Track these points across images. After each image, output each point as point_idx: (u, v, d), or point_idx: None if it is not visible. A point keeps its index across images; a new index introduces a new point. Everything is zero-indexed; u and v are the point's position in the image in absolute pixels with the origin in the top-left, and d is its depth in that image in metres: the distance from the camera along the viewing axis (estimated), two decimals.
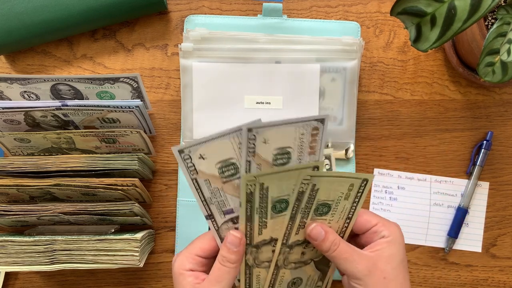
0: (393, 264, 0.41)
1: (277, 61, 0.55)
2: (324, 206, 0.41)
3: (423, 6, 0.42)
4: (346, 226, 0.43)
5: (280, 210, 0.41)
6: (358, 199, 0.42)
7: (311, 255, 0.45)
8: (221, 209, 0.40)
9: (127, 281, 0.58)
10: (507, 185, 0.59)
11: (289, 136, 0.38)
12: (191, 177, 0.38)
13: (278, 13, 0.58)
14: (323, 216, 0.42)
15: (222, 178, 0.39)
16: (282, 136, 0.38)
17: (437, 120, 0.59)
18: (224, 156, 0.38)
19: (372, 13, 0.60)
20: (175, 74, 0.59)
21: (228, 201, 0.40)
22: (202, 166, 0.38)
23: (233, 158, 0.38)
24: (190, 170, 0.38)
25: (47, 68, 0.60)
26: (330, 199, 0.41)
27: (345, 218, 0.43)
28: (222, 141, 0.37)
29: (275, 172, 0.38)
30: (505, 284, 0.59)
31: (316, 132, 0.38)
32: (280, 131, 0.37)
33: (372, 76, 0.59)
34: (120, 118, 0.53)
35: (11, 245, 0.49)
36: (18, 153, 0.56)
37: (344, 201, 0.41)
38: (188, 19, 0.59)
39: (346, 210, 0.42)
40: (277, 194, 0.40)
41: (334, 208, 0.42)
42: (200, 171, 0.38)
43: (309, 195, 0.40)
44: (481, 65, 0.44)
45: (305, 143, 0.38)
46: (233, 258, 0.40)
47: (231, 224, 0.41)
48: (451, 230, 0.58)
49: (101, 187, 0.50)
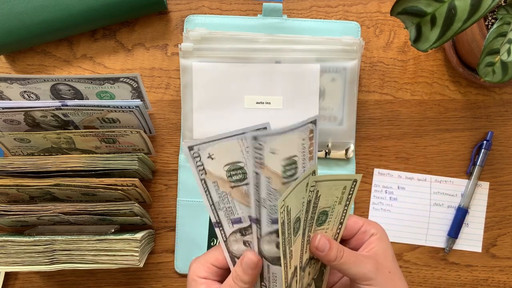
0: (390, 258, 0.41)
1: (277, 61, 0.55)
2: (323, 214, 0.40)
3: (423, 6, 0.42)
4: (339, 232, 0.42)
5: (296, 231, 0.38)
6: (348, 202, 0.41)
7: (313, 273, 0.43)
8: (229, 217, 0.38)
9: (127, 281, 0.58)
10: (507, 185, 0.59)
11: (293, 144, 0.35)
12: (200, 177, 0.36)
13: (278, 13, 0.58)
14: (322, 225, 0.41)
15: (231, 182, 0.37)
16: (288, 144, 0.35)
17: (437, 120, 0.59)
18: (232, 158, 0.36)
19: (372, 13, 0.60)
20: (175, 74, 0.59)
21: (236, 208, 0.38)
22: (211, 167, 0.36)
23: (241, 162, 0.36)
24: (199, 169, 0.36)
25: (47, 68, 0.60)
26: (328, 206, 0.40)
27: (338, 224, 0.42)
28: (231, 142, 0.35)
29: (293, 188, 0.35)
30: (505, 284, 0.59)
31: (312, 135, 0.37)
32: (286, 139, 0.35)
33: (372, 76, 0.59)
34: (120, 118, 0.53)
35: (11, 245, 0.49)
36: (18, 153, 0.56)
37: (338, 205, 0.40)
38: (188, 19, 0.59)
39: (339, 215, 0.41)
40: (295, 213, 0.36)
41: (331, 214, 0.41)
42: (208, 171, 0.36)
43: (313, 204, 0.38)
44: (481, 65, 0.44)
45: (306, 149, 0.37)
46: (246, 279, 0.38)
47: (239, 236, 0.38)
48: (451, 230, 0.58)
49: (101, 187, 0.50)
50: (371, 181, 0.59)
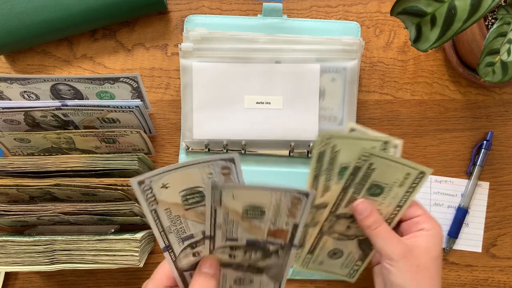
0: (429, 256, 0.42)
1: (277, 61, 0.55)
2: (377, 188, 0.43)
3: (423, 6, 0.42)
4: (395, 213, 0.45)
5: (341, 178, 0.43)
6: (412, 190, 0.43)
7: (357, 231, 0.46)
8: (180, 236, 0.39)
9: (127, 281, 0.58)
10: (507, 185, 0.59)
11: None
12: (150, 208, 0.37)
13: (278, 13, 0.58)
14: (375, 197, 0.44)
15: (186, 206, 0.37)
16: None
17: (437, 120, 0.59)
18: (190, 184, 0.37)
19: (372, 13, 0.60)
20: (175, 74, 0.59)
21: (189, 227, 0.38)
22: (164, 196, 0.36)
23: (200, 186, 0.37)
24: (149, 202, 0.36)
25: (47, 68, 0.60)
26: (385, 182, 0.43)
27: (395, 205, 0.44)
28: (191, 170, 0.36)
29: (348, 137, 0.41)
30: (505, 284, 0.59)
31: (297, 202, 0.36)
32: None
33: (372, 76, 0.59)
34: (120, 118, 0.53)
35: (11, 245, 0.49)
36: (18, 153, 0.56)
37: (398, 188, 0.43)
38: (188, 19, 0.59)
39: (398, 197, 0.44)
40: (345, 160, 0.42)
41: (387, 192, 0.43)
42: (160, 200, 0.37)
43: (364, 172, 0.42)
44: (481, 65, 0.44)
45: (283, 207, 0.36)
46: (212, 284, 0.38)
47: (189, 250, 0.39)
48: (451, 230, 0.58)
49: (101, 187, 0.50)
50: None
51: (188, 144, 0.57)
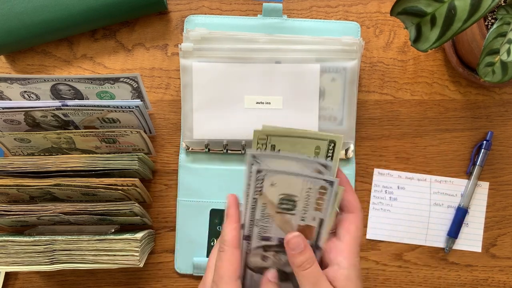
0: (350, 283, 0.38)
1: (277, 61, 0.55)
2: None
3: (423, 6, 0.42)
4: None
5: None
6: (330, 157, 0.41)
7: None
8: (261, 234, 0.39)
9: (127, 281, 0.58)
10: (507, 185, 0.59)
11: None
12: (254, 195, 0.38)
13: (278, 13, 0.58)
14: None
15: (278, 209, 0.38)
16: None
17: (437, 120, 0.59)
18: (290, 191, 0.38)
19: (372, 13, 0.60)
20: (175, 74, 0.59)
21: (271, 229, 0.39)
22: (268, 192, 0.38)
23: (296, 196, 0.38)
24: (256, 190, 0.38)
25: (47, 68, 0.60)
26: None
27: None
28: (297, 179, 0.37)
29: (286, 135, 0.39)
30: (505, 284, 0.59)
31: (324, 192, 0.37)
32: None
33: (372, 76, 0.59)
34: (120, 118, 0.53)
35: (11, 245, 0.49)
36: (18, 153, 0.56)
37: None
38: (188, 19, 0.59)
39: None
40: None
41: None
42: (264, 194, 0.38)
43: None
44: (481, 65, 0.44)
45: (312, 198, 0.38)
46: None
47: (261, 251, 0.40)
48: (451, 230, 0.58)
49: (101, 187, 0.50)
50: (371, 181, 0.59)
51: (188, 144, 0.57)
